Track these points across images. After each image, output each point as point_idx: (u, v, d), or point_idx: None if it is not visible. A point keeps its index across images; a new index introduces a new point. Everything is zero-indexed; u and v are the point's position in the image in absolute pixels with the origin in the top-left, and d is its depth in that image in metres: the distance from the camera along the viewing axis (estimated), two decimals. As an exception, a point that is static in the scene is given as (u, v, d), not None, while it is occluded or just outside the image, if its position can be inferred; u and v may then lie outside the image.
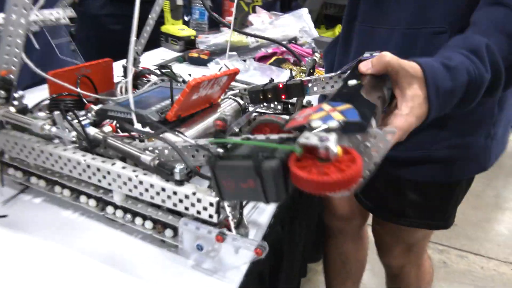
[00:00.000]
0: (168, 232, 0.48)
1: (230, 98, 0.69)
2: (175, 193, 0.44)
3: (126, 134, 0.54)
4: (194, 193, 0.43)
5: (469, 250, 1.87)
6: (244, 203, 0.50)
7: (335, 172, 0.33)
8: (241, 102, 0.69)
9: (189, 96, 0.53)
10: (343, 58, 0.84)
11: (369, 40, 0.79)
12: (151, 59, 1.24)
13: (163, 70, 0.80)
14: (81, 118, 0.53)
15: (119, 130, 0.56)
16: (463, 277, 1.72)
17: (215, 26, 1.67)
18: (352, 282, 1.23)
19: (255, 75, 1.23)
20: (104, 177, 0.48)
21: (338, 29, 1.69)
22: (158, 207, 0.50)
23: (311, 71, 0.75)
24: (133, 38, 0.53)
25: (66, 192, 0.54)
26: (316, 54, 1.28)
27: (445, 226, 0.89)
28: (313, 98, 0.82)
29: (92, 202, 0.52)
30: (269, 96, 0.68)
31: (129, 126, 0.54)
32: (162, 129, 0.51)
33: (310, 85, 0.68)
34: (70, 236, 0.51)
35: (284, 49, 1.32)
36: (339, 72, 0.66)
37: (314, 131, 0.36)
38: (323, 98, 1.05)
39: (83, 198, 0.53)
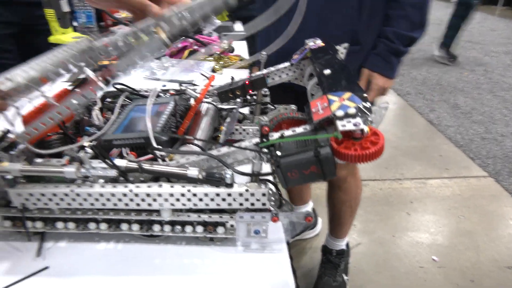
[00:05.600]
0: (221, 229, 0.56)
1: (205, 102, 0.76)
2: (229, 194, 0.52)
3: (146, 157, 0.58)
4: (247, 190, 0.52)
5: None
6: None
7: (371, 146, 0.47)
8: (217, 105, 0.76)
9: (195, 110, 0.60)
10: None
11: None
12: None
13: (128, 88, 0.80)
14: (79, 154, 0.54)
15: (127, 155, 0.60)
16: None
17: (100, 28, 1.61)
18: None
19: (176, 72, 1.27)
20: (155, 200, 0.53)
21: (224, 12, 1.79)
22: (200, 211, 0.57)
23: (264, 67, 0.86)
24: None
25: (103, 226, 0.56)
26: (225, 41, 1.38)
27: None
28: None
29: (136, 227, 0.56)
30: (238, 93, 0.78)
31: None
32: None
33: (267, 77, 0.80)
34: (121, 265, 0.55)
35: (191, 41, 1.38)
36: (289, 63, 0.79)
37: (344, 119, 0.48)
38: None
39: (124, 226, 0.56)
